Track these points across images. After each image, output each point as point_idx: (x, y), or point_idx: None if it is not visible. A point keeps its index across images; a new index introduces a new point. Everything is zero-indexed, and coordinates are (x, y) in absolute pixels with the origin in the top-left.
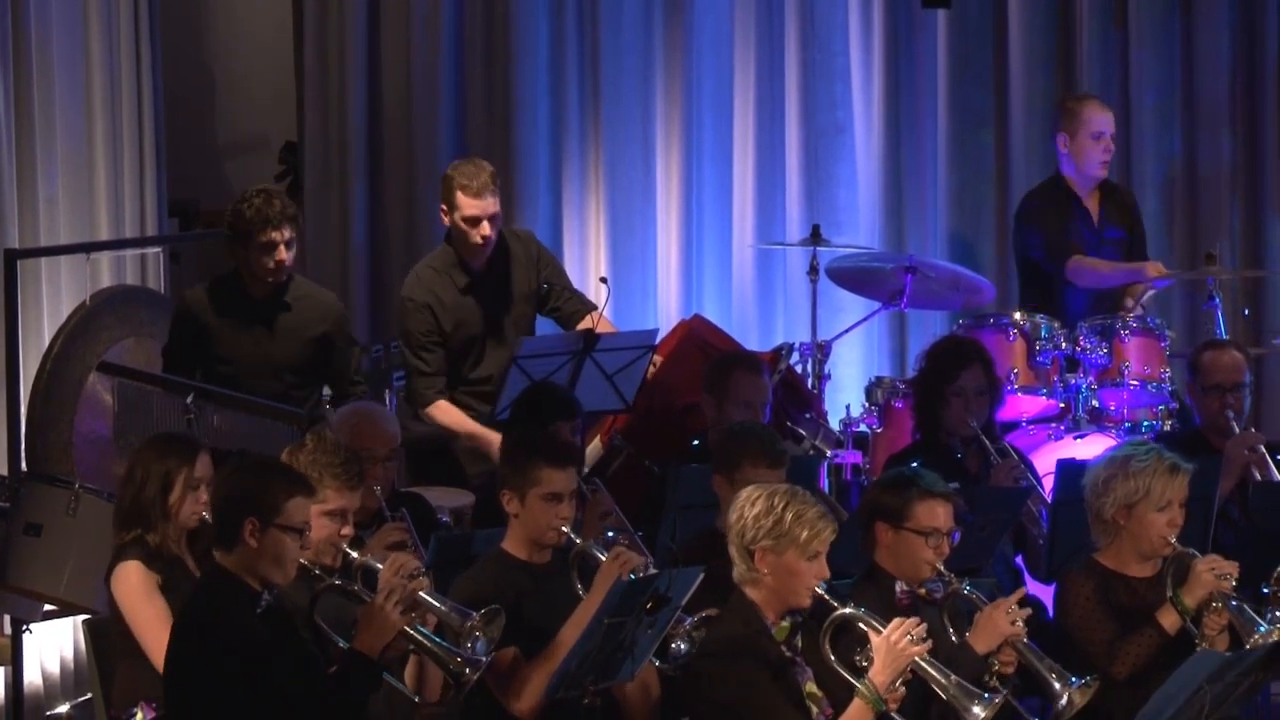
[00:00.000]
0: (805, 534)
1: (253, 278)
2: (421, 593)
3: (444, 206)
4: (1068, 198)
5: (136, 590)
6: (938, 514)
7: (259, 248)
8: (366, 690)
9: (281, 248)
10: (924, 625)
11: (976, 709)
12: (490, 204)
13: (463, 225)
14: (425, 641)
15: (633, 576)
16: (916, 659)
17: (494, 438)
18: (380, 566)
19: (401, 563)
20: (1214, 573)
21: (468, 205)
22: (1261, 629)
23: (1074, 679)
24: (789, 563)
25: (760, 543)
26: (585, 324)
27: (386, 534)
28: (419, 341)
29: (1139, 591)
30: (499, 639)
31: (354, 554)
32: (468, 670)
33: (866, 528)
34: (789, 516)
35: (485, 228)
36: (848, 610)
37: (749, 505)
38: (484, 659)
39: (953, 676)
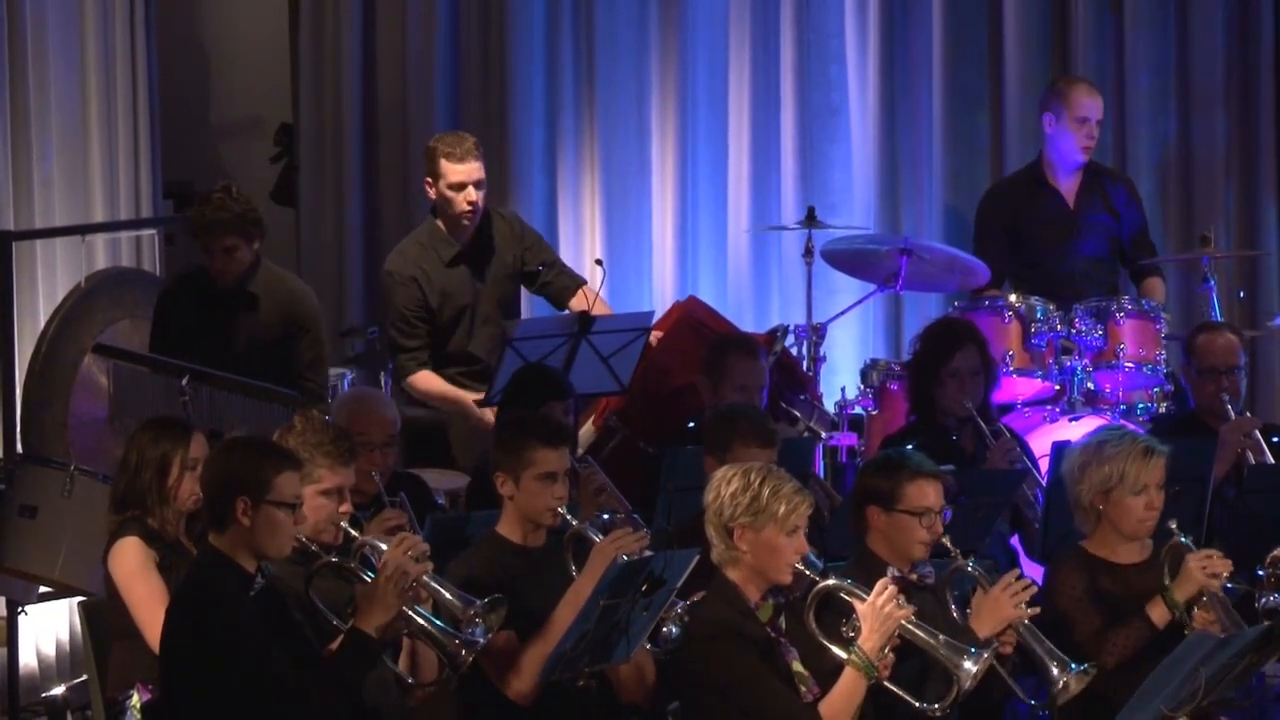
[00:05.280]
0: (783, 509)
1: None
2: (425, 577)
3: (428, 179)
4: (1033, 186)
5: (133, 565)
6: (928, 493)
7: (207, 251)
8: (362, 669)
9: (236, 253)
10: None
11: (967, 664)
12: (475, 168)
13: (448, 193)
14: (424, 623)
15: (625, 557)
16: (903, 622)
17: (471, 400)
18: (385, 546)
19: (410, 544)
20: (1205, 571)
21: (453, 172)
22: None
23: (1073, 665)
24: (768, 539)
25: (738, 520)
26: (578, 299)
27: (385, 519)
28: (403, 316)
29: (1127, 579)
30: (499, 626)
31: (356, 533)
32: (464, 652)
33: (858, 513)
34: (765, 492)
35: (471, 193)
36: (830, 581)
37: (725, 484)
38: (480, 641)
39: (940, 636)
